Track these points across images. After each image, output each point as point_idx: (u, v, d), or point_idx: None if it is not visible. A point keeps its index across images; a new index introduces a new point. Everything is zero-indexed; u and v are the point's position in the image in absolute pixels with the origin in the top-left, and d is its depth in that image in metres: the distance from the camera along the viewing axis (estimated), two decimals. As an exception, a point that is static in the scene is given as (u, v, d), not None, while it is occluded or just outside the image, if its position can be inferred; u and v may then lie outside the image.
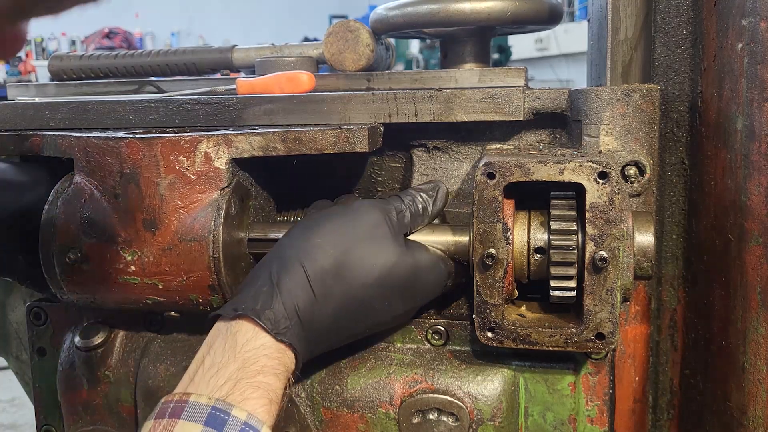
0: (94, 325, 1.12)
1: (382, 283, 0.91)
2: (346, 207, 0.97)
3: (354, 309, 0.91)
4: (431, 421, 0.99)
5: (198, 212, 0.97)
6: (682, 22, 1.05)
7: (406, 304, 0.96)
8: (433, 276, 0.96)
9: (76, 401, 1.13)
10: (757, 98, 0.90)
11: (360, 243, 0.91)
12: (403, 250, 0.93)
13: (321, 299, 0.88)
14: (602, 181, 0.88)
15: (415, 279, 0.94)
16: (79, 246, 1.00)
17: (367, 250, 0.91)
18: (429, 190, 1.01)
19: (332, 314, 0.89)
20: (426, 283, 0.96)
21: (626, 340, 1.09)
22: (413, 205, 0.98)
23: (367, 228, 0.92)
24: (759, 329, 0.93)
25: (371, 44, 1.22)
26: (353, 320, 0.92)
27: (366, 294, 0.91)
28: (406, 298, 0.95)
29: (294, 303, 0.87)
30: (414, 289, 0.95)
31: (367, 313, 0.92)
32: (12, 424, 3.97)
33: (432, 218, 1.01)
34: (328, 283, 0.89)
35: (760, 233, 0.91)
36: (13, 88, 1.48)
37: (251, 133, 0.99)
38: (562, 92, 1.04)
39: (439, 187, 1.02)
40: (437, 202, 1.01)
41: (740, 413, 0.97)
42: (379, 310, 0.93)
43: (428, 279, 0.96)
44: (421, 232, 1.00)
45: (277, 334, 0.85)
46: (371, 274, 0.91)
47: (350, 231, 0.92)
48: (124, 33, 11.09)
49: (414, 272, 0.94)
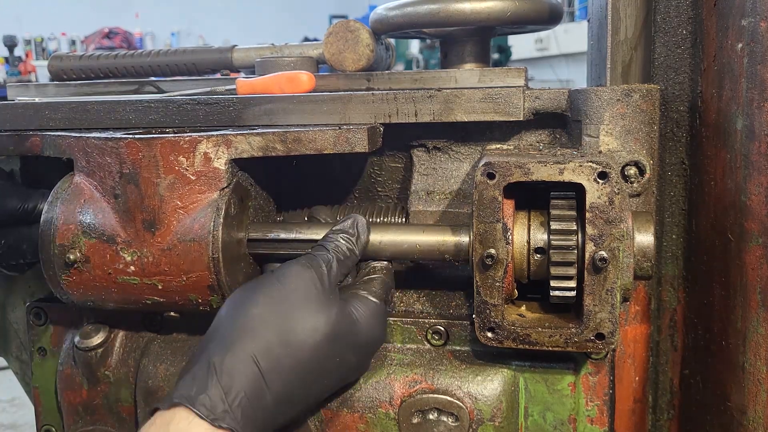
0: (94, 325, 1.12)
1: (329, 339, 0.88)
2: (275, 274, 0.93)
3: (306, 374, 0.87)
4: (431, 421, 0.99)
5: (197, 212, 0.97)
6: (682, 22, 1.05)
7: (359, 354, 0.94)
8: (376, 319, 0.94)
9: (76, 401, 1.13)
10: (757, 98, 0.90)
11: (299, 306, 0.88)
12: (340, 303, 0.92)
13: (268, 372, 0.84)
14: (602, 181, 0.88)
15: (358, 328, 0.92)
16: (79, 246, 1.00)
17: (308, 312, 0.88)
18: (348, 228, 0.98)
19: (283, 386, 0.85)
20: (372, 328, 0.94)
21: (626, 340, 1.09)
22: (338, 250, 0.96)
23: (303, 290, 0.90)
24: (759, 329, 0.93)
25: (371, 44, 1.22)
26: (308, 386, 0.88)
27: (315, 356, 0.87)
28: (356, 348, 0.92)
29: (236, 383, 0.82)
30: (361, 337, 0.92)
31: (320, 374, 0.89)
32: (12, 424, 3.97)
33: (360, 253, 0.99)
34: (274, 354, 0.85)
35: (760, 233, 0.91)
36: (13, 88, 1.48)
37: (251, 133, 0.98)
38: (562, 92, 1.04)
39: (357, 221, 0.99)
40: (361, 238, 0.99)
41: (740, 413, 0.97)
42: (333, 368, 0.90)
43: (373, 324, 0.94)
44: (421, 232, 1.00)
45: (213, 420, 0.78)
46: (317, 333, 0.88)
47: (286, 296, 0.89)
48: (124, 33, 11.09)
49: (355, 321, 0.92)
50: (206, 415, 0.79)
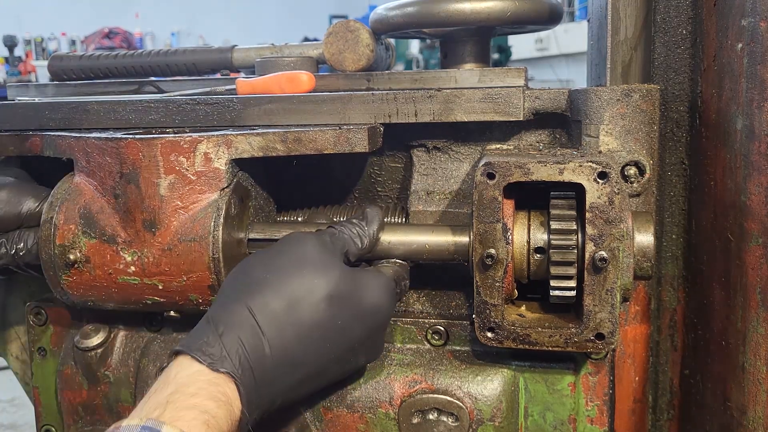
0: (94, 325, 1.12)
1: (328, 300, 0.88)
2: (279, 240, 0.95)
3: (305, 332, 0.87)
4: (431, 421, 0.99)
5: (198, 213, 0.97)
6: (682, 22, 1.05)
7: (363, 323, 0.92)
8: (381, 289, 0.93)
9: (76, 401, 1.13)
10: (757, 98, 0.90)
11: (299, 265, 0.89)
12: (344, 267, 0.92)
13: (265, 325, 0.85)
14: (602, 181, 0.88)
15: (362, 294, 0.91)
16: (79, 246, 1.00)
17: (307, 270, 0.89)
18: (358, 215, 1.01)
19: (280, 341, 0.85)
20: (377, 297, 0.93)
21: (626, 340, 1.09)
22: (345, 230, 0.97)
23: (303, 251, 0.91)
24: (759, 329, 0.93)
25: (371, 44, 1.22)
26: (306, 346, 0.88)
27: (314, 315, 0.88)
28: (359, 316, 0.92)
29: (234, 333, 0.84)
30: (364, 305, 0.92)
31: (321, 336, 0.88)
32: (12, 424, 3.97)
33: (372, 239, 0.99)
34: (271, 308, 0.86)
35: (760, 233, 0.91)
36: (13, 88, 1.48)
37: (251, 133, 0.99)
38: (562, 92, 1.04)
39: (367, 209, 1.01)
40: (371, 223, 0.99)
41: (740, 413, 0.97)
42: (334, 332, 0.89)
43: (378, 293, 0.93)
44: (420, 232, 1.00)
45: (211, 364, 0.81)
46: (315, 291, 0.88)
47: (287, 257, 0.90)
48: (124, 33, 11.09)
49: (359, 288, 0.91)
50: (204, 360, 0.81)
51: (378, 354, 0.99)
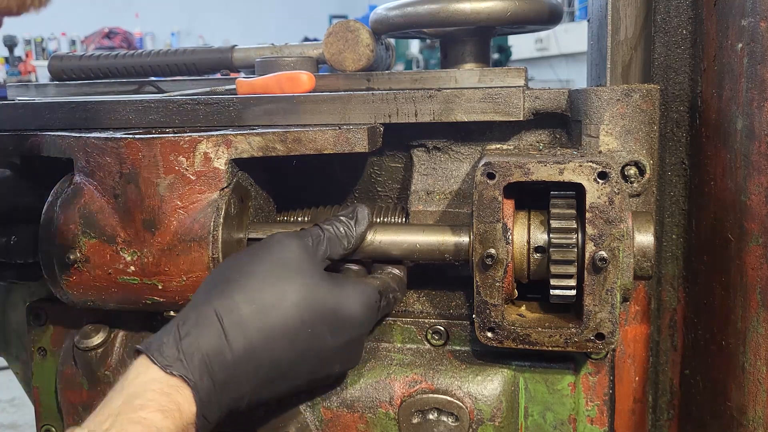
0: (94, 325, 1.12)
1: (300, 307, 0.87)
2: (261, 242, 0.94)
3: (274, 338, 0.86)
4: (431, 421, 0.99)
5: (197, 212, 0.97)
6: (682, 22, 1.05)
7: (336, 334, 0.90)
8: (360, 301, 0.92)
9: (76, 401, 1.13)
10: (757, 98, 0.90)
11: (273, 269, 0.88)
12: (323, 274, 0.91)
13: (230, 328, 0.84)
14: (602, 181, 0.88)
15: (338, 304, 0.90)
16: (79, 246, 1.00)
17: (281, 275, 0.88)
18: (348, 214, 0.99)
19: (246, 345, 0.84)
20: (354, 309, 0.91)
21: (626, 340, 1.09)
22: (331, 230, 0.96)
23: (280, 255, 0.90)
24: (759, 329, 0.93)
25: (371, 44, 1.22)
26: (275, 352, 0.86)
27: (283, 321, 0.86)
28: (333, 326, 0.90)
29: (195, 335, 0.83)
30: (340, 316, 0.90)
31: (291, 344, 0.87)
32: (12, 424, 3.97)
33: (358, 239, 0.98)
34: (239, 311, 0.85)
35: (760, 233, 0.91)
36: (13, 88, 1.48)
37: (251, 133, 0.98)
38: (562, 92, 1.04)
39: (357, 208, 0.99)
40: (360, 223, 0.98)
41: (740, 413, 0.97)
42: (304, 341, 0.88)
43: (356, 305, 0.91)
44: (421, 232, 1.00)
45: (165, 366, 0.80)
46: (286, 297, 0.87)
47: (261, 259, 0.89)
48: (124, 33, 11.09)
49: (335, 297, 0.90)
50: (159, 361, 0.81)
51: (354, 363, 0.98)
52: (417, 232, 1.01)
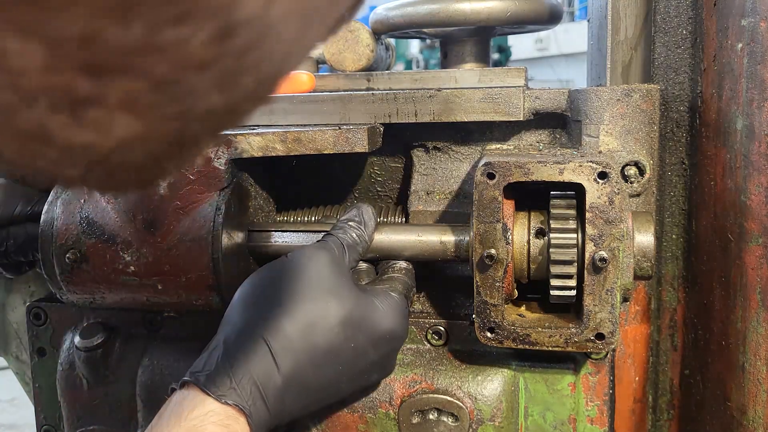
0: (94, 325, 1.12)
1: (343, 323, 0.87)
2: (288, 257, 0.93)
3: (319, 356, 0.86)
4: (431, 421, 0.99)
5: (197, 212, 0.97)
6: (682, 22, 1.05)
7: (377, 347, 0.91)
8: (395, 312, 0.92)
9: (76, 401, 1.13)
10: (757, 98, 0.90)
11: (312, 287, 0.88)
12: (356, 289, 0.91)
13: (278, 352, 0.84)
14: (602, 181, 0.88)
15: (377, 318, 0.90)
16: (78, 246, 1.00)
17: (320, 293, 0.88)
18: (355, 217, 0.99)
19: (294, 366, 0.84)
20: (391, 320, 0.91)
21: (626, 340, 1.09)
22: (347, 237, 0.96)
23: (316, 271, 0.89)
24: (759, 329, 0.93)
25: (371, 44, 1.22)
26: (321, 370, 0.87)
27: (328, 338, 0.86)
28: (374, 340, 0.90)
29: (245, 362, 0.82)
30: (379, 329, 0.90)
31: (335, 360, 0.87)
32: (12, 424, 3.97)
33: (369, 242, 0.99)
34: (285, 333, 0.85)
35: (760, 233, 0.91)
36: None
37: (250, 133, 0.98)
38: (562, 92, 1.04)
39: (362, 209, 1.00)
40: (368, 225, 0.98)
41: (740, 413, 0.97)
42: (348, 355, 0.88)
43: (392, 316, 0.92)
44: (419, 231, 1.00)
45: (220, 396, 0.80)
46: (329, 315, 0.87)
47: (299, 277, 0.89)
48: (124, 33, 11.08)
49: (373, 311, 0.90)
50: (213, 392, 0.80)
51: (391, 371, 0.98)
52: (417, 231, 1.01)
